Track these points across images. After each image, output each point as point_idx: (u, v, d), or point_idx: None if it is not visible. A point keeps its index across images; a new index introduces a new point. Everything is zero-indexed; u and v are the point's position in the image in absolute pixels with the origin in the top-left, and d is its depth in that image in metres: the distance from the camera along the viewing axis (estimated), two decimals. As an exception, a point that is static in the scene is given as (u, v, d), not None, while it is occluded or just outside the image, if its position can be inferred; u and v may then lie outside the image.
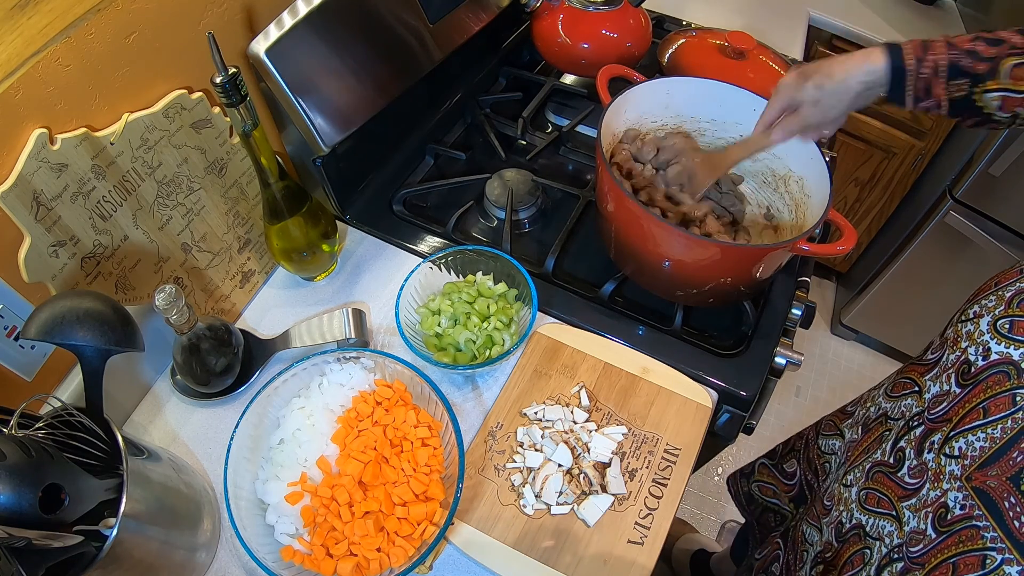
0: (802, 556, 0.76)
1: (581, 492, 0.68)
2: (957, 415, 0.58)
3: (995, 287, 0.63)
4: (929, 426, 0.62)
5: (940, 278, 1.62)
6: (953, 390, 0.61)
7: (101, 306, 0.56)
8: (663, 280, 0.79)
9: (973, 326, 0.62)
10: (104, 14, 0.57)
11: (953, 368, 0.63)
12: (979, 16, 1.58)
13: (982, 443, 0.54)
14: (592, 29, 1.02)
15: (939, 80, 0.60)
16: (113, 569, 0.51)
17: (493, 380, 0.78)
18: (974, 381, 0.59)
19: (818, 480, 0.86)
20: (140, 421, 0.74)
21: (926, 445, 0.61)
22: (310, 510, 0.63)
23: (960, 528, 0.53)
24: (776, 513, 0.98)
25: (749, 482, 1.04)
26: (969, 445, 0.55)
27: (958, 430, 0.57)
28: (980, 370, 0.59)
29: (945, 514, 0.55)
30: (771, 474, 0.99)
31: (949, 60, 0.59)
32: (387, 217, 0.92)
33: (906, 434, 0.65)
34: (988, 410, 0.55)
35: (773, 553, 0.86)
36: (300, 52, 0.73)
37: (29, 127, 0.55)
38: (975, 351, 0.60)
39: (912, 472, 0.61)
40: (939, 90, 0.60)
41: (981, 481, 0.53)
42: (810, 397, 1.87)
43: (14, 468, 0.46)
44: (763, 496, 1.00)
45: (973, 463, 0.54)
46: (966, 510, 0.53)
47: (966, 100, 0.60)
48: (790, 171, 0.83)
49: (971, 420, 0.56)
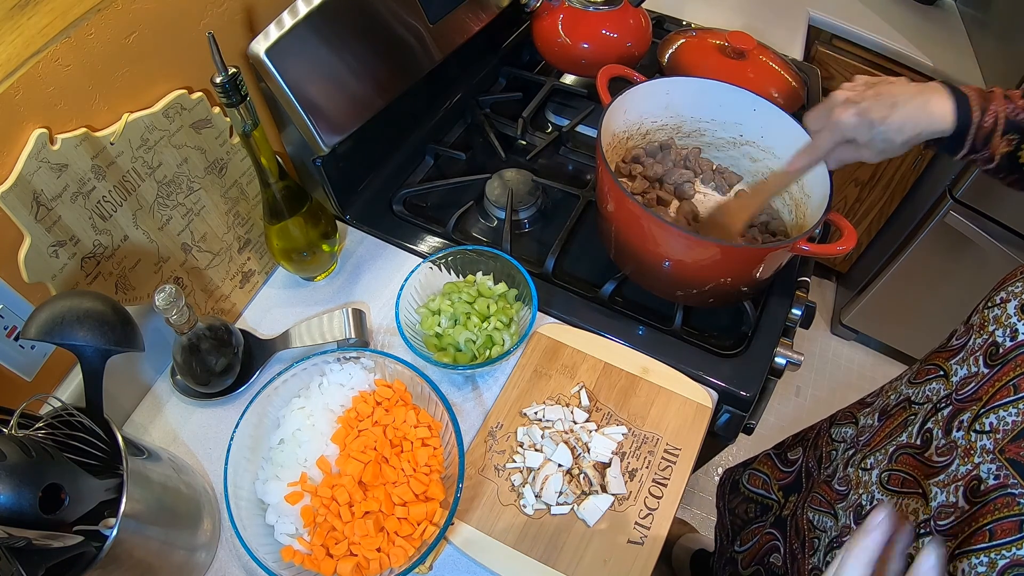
0: (812, 543, 0.76)
1: (581, 492, 0.68)
2: (987, 393, 0.59)
3: (1022, 274, 0.63)
4: (957, 406, 0.62)
5: (940, 278, 1.62)
6: (981, 371, 0.61)
7: (101, 306, 0.56)
8: (663, 280, 0.79)
9: (1000, 310, 0.62)
10: (104, 14, 0.57)
11: (980, 351, 0.63)
12: (979, 16, 1.58)
13: (1014, 418, 0.55)
14: (592, 29, 1.02)
15: (997, 133, 0.59)
16: (113, 569, 0.51)
17: (493, 380, 0.78)
18: (1003, 360, 0.59)
19: (819, 467, 0.86)
20: (140, 421, 0.74)
21: (954, 424, 0.61)
22: (310, 510, 0.63)
23: (995, 496, 0.53)
24: (758, 504, 0.97)
25: (744, 471, 1.03)
26: (1001, 420, 0.56)
27: (988, 407, 0.57)
28: (1008, 350, 0.59)
29: (978, 486, 0.55)
30: (771, 463, 0.98)
31: (1007, 114, 0.59)
32: (387, 217, 0.92)
33: (933, 416, 0.65)
34: (1019, 387, 0.55)
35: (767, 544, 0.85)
36: (300, 52, 0.73)
37: (29, 127, 0.55)
38: (1003, 333, 0.60)
39: (940, 451, 0.61)
40: (996, 142, 0.60)
41: (1015, 452, 0.53)
42: (810, 397, 1.87)
43: (14, 468, 0.46)
44: (749, 486, 1.00)
45: (1006, 436, 0.55)
46: (1000, 479, 0.54)
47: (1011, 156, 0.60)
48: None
49: (1002, 397, 0.57)
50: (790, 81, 1.02)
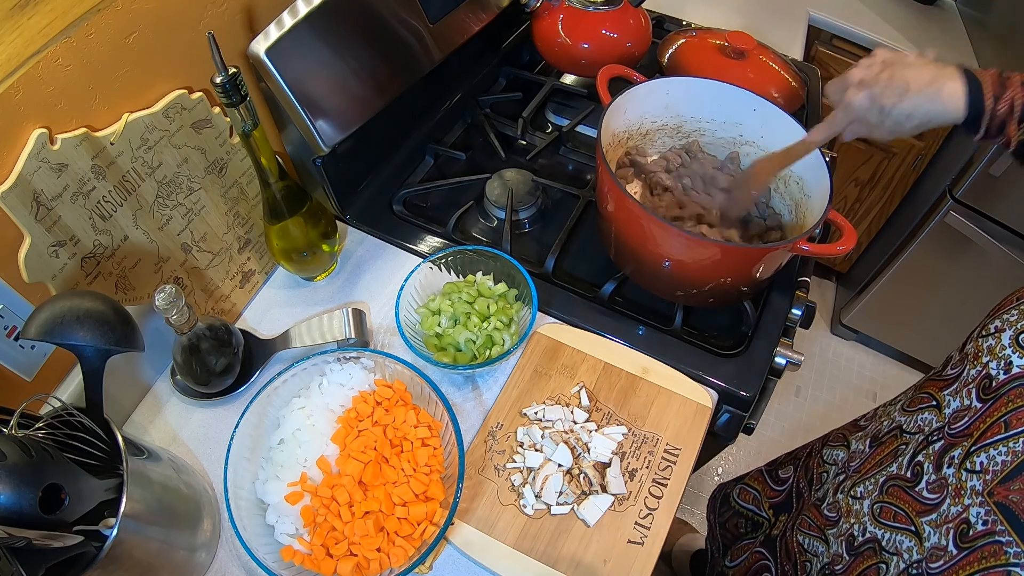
0: (804, 567, 0.75)
1: (581, 492, 0.68)
2: (978, 430, 0.57)
3: (1016, 301, 0.62)
4: (949, 441, 0.61)
5: (940, 278, 1.62)
6: (974, 404, 0.60)
7: (101, 306, 0.56)
8: (663, 280, 0.79)
9: (995, 340, 0.61)
10: (104, 14, 0.57)
11: (974, 383, 0.61)
12: (979, 16, 1.58)
13: (1004, 457, 0.53)
14: (592, 29, 1.02)
15: (1013, 119, 0.58)
16: (113, 569, 0.51)
17: (493, 380, 0.78)
18: (995, 395, 0.58)
19: (810, 488, 0.85)
20: (140, 421, 0.74)
21: (945, 460, 0.60)
22: (310, 510, 0.63)
23: (983, 544, 0.52)
24: (749, 520, 0.96)
25: (736, 485, 1.03)
26: (991, 460, 0.54)
27: (979, 445, 0.56)
28: (1001, 384, 0.57)
29: (967, 530, 0.54)
30: (761, 480, 0.97)
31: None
32: (387, 217, 0.92)
33: (924, 448, 0.63)
34: (1010, 424, 0.54)
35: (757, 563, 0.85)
36: (300, 52, 0.73)
37: (29, 127, 0.55)
38: (996, 365, 0.59)
39: (931, 487, 0.60)
40: (1012, 129, 0.59)
41: (1003, 496, 0.52)
42: (810, 397, 1.87)
43: (14, 468, 0.46)
44: (740, 500, 0.99)
45: (995, 478, 0.53)
46: (988, 525, 0.52)
47: None
48: (790, 171, 0.83)
49: (992, 434, 0.55)
50: (790, 81, 1.02)
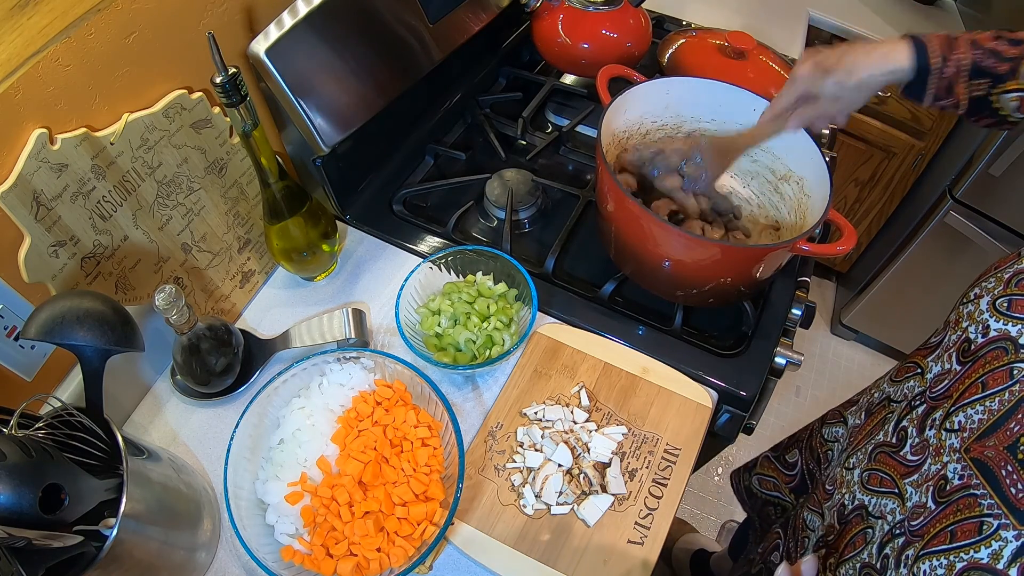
0: (803, 542, 0.76)
1: (581, 492, 0.68)
2: (957, 391, 0.59)
3: (995, 270, 0.63)
4: (931, 404, 0.62)
5: (940, 278, 1.62)
6: (954, 368, 0.62)
7: (101, 306, 0.56)
8: (663, 280, 0.79)
9: (973, 306, 0.63)
10: (104, 14, 0.57)
11: (954, 347, 0.63)
12: (979, 16, 1.58)
13: (980, 416, 0.55)
14: (592, 29, 1.02)
15: (961, 79, 0.59)
16: (113, 569, 0.51)
17: (493, 380, 0.78)
18: (973, 357, 0.59)
19: (820, 468, 0.86)
20: (140, 421, 0.74)
21: (928, 422, 0.61)
22: (310, 510, 0.63)
23: (958, 497, 0.53)
24: (776, 506, 0.98)
25: (751, 476, 1.04)
26: (968, 418, 0.56)
27: (958, 405, 0.58)
28: (979, 347, 0.59)
29: (944, 485, 0.55)
30: (773, 466, 0.99)
31: (972, 59, 0.58)
32: (387, 217, 0.92)
33: (908, 413, 0.65)
34: (986, 384, 0.56)
35: (773, 543, 0.86)
36: (300, 52, 0.73)
37: (29, 127, 0.55)
38: (975, 329, 0.61)
39: (914, 449, 0.62)
40: (960, 89, 0.59)
41: (979, 452, 0.53)
42: (810, 397, 1.87)
43: (14, 468, 0.46)
44: (763, 490, 1.00)
45: (972, 435, 0.55)
46: (964, 480, 0.54)
47: (983, 100, 0.59)
48: (790, 171, 0.83)
49: (971, 395, 0.57)
50: (790, 81, 1.02)
